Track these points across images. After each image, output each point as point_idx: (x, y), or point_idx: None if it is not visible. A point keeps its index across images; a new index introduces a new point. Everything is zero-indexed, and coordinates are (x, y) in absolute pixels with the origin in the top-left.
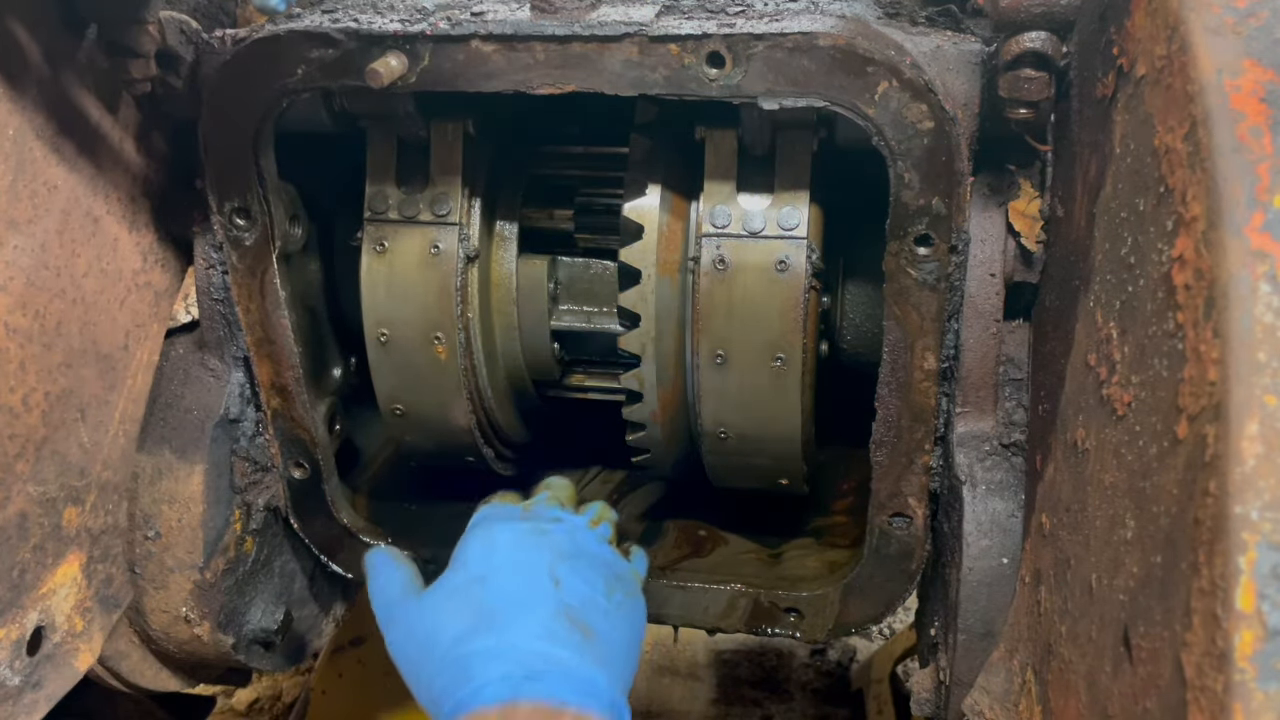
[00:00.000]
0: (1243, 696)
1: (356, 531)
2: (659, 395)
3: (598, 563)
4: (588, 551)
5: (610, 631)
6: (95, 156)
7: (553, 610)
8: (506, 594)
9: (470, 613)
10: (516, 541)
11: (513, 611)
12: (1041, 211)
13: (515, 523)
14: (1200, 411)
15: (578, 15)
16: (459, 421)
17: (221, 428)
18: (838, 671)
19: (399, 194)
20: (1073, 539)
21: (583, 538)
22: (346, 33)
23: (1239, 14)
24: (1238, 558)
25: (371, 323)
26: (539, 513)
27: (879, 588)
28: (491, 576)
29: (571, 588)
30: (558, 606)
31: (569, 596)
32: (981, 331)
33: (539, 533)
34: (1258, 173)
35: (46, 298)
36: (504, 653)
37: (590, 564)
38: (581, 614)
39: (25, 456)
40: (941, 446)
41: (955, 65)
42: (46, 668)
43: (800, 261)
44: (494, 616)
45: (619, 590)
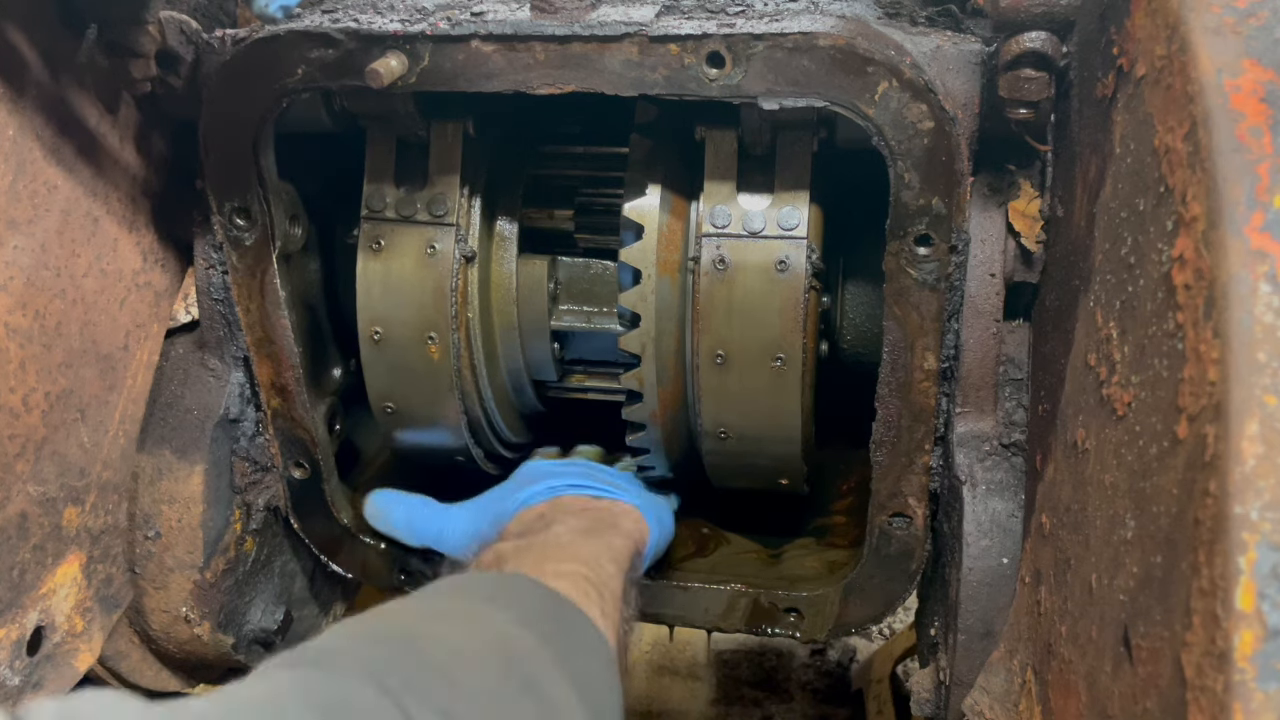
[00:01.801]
0: (1243, 696)
1: (356, 531)
2: (659, 395)
3: (624, 475)
4: (614, 472)
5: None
6: (95, 156)
7: (584, 473)
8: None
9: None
10: (552, 464)
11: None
12: (1041, 211)
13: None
14: (1200, 411)
15: (578, 15)
16: (449, 421)
17: (221, 428)
18: (838, 671)
19: (397, 193)
20: (1073, 539)
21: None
22: (346, 33)
23: (1239, 14)
24: (1238, 558)
25: (365, 321)
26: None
27: (879, 588)
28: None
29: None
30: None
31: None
32: (981, 331)
33: (568, 461)
34: (1258, 173)
35: (46, 298)
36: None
37: (621, 475)
38: (612, 479)
39: (25, 456)
40: (941, 446)
41: (955, 65)
42: (46, 668)
43: (800, 261)
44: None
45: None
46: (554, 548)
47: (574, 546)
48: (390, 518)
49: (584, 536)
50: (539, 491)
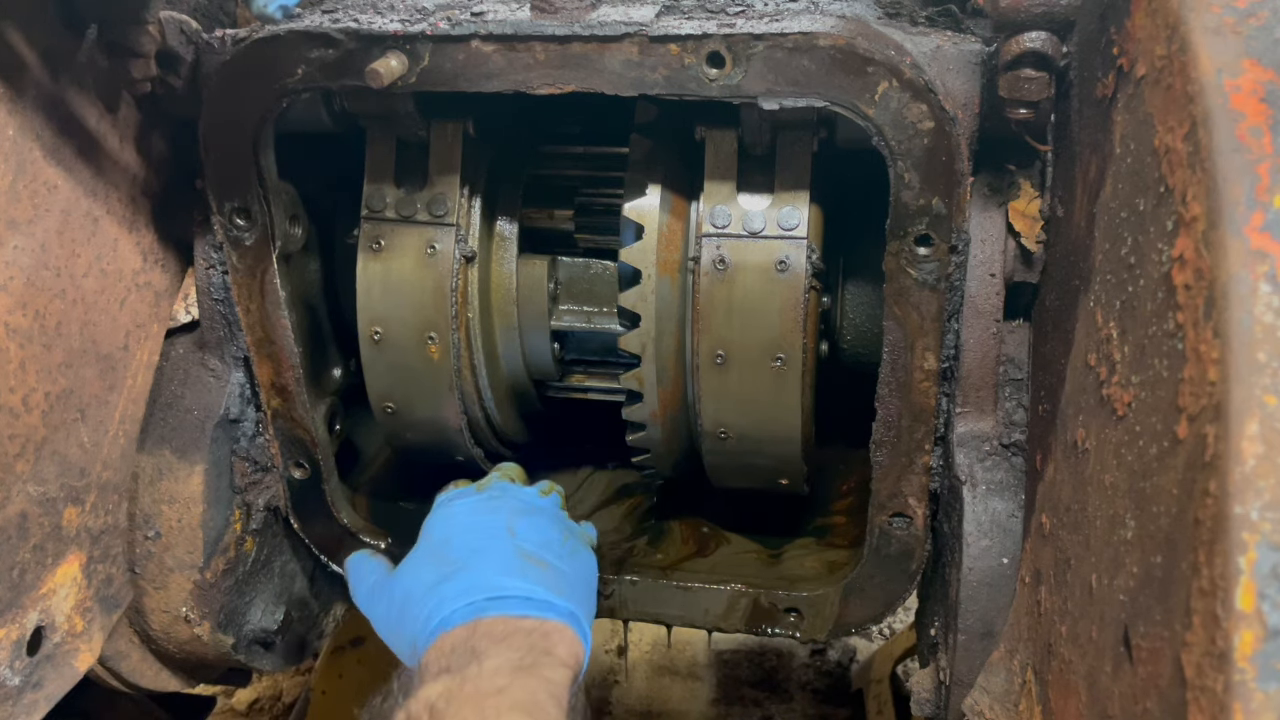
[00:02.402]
0: (1243, 696)
1: (356, 531)
2: (659, 395)
3: (549, 518)
4: (540, 509)
5: (566, 568)
6: (95, 156)
7: (510, 552)
8: (467, 547)
9: (437, 568)
10: (473, 508)
11: (474, 558)
12: (1041, 211)
13: (469, 496)
14: (1200, 411)
15: (578, 15)
16: (449, 421)
17: (221, 428)
18: (838, 671)
19: (397, 193)
20: (1073, 539)
21: (534, 499)
22: (346, 33)
23: (1239, 14)
24: (1238, 558)
25: (365, 321)
26: (491, 486)
27: (879, 588)
28: (453, 538)
29: (526, 535)
30: (515, 549)
31: (525, 542)
32: (981, 331)
33: (493, 499)
34: (1258, 173)
35: (46, 298)
36: (469, 585)
37: (543, 518)
38: (537, 554)
39: (25, 456)
40: (941, 446)
41: (955, 65)
42: (46, 668)
43: (800, 261)
44: (459, 564)
45: (571, 539)
46: (490, 695)
47: (512, 691)
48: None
49: (520, 675)
50: (453, 610)
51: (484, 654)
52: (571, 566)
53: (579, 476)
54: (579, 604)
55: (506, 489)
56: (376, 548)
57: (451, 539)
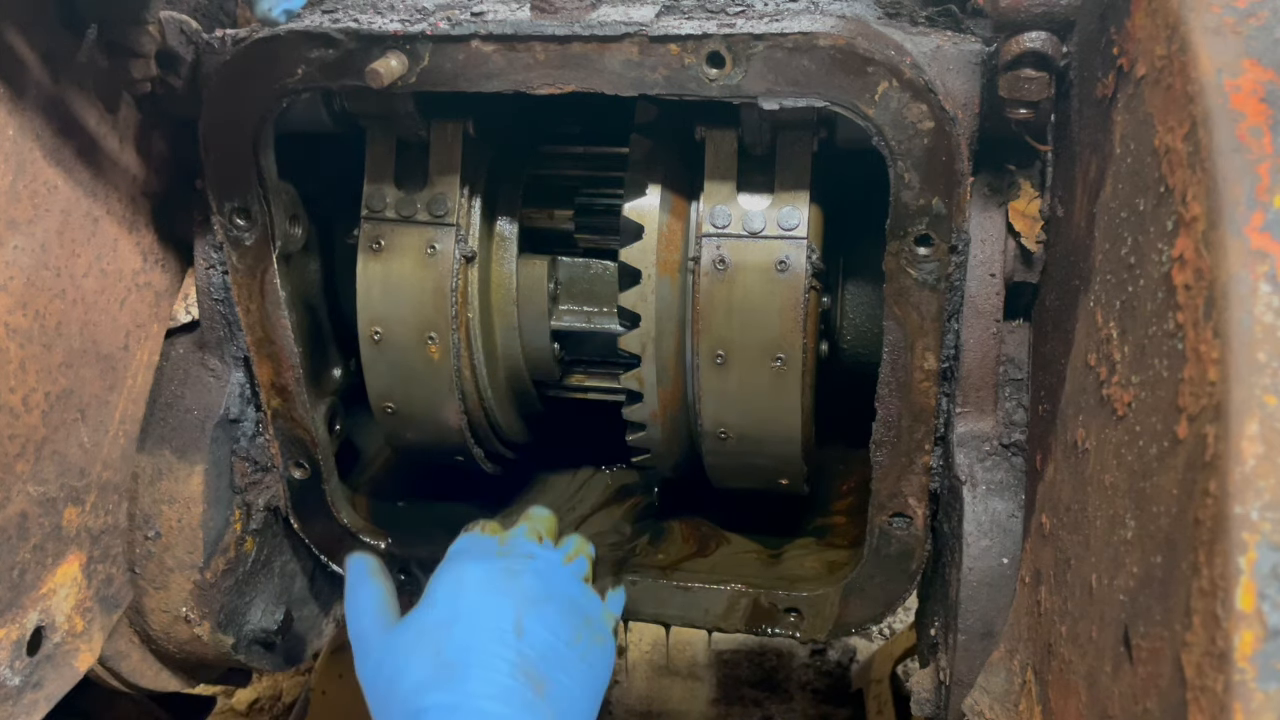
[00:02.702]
0: (1243, 696)
1: (356, 531)
2: (659, 395)
3: (566, 606)
4: (558, 594)
5: (569, 684)
6: (95, 157)
7: (511, 664)
8: (467, 643)
9: (431, 661)
10: (486, 583)
11: (471, 664)
12: (1041, 211)
13: (488, 561)
14: (1200, 411)
15: (578, 15)
16: (449, 421)
17: (221, 428)
18: (838, 671)
19: (397, 193)
20: (1073, 539)
21: (555, 577)
22: (346, 33)
23: (1239, 14)
24: (1238, 558)
25: (365, 321)
26: (514, 548)
27: (879, 588)
28: (456, 622)
29: (535, 637)
30: (516, 659)
31: (530, 648)
32: (981, 331)
33: (510, 574)
34: (1258, 173)
35: (46, 298)
36: (456, 711)
37: (558, 608)
38: (540, 667)
39: (25, 456)
40: (941, 446)
41: (955, 65)
42: (46, 668)
43: (800, 261)
44: (453, 669)
45: (585, 636)
46: None
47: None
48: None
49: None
50: None
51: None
52: (576, 679)
53: (579, 476)
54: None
55: (527, 559)
56: (377, 548)
57: (453, 625)
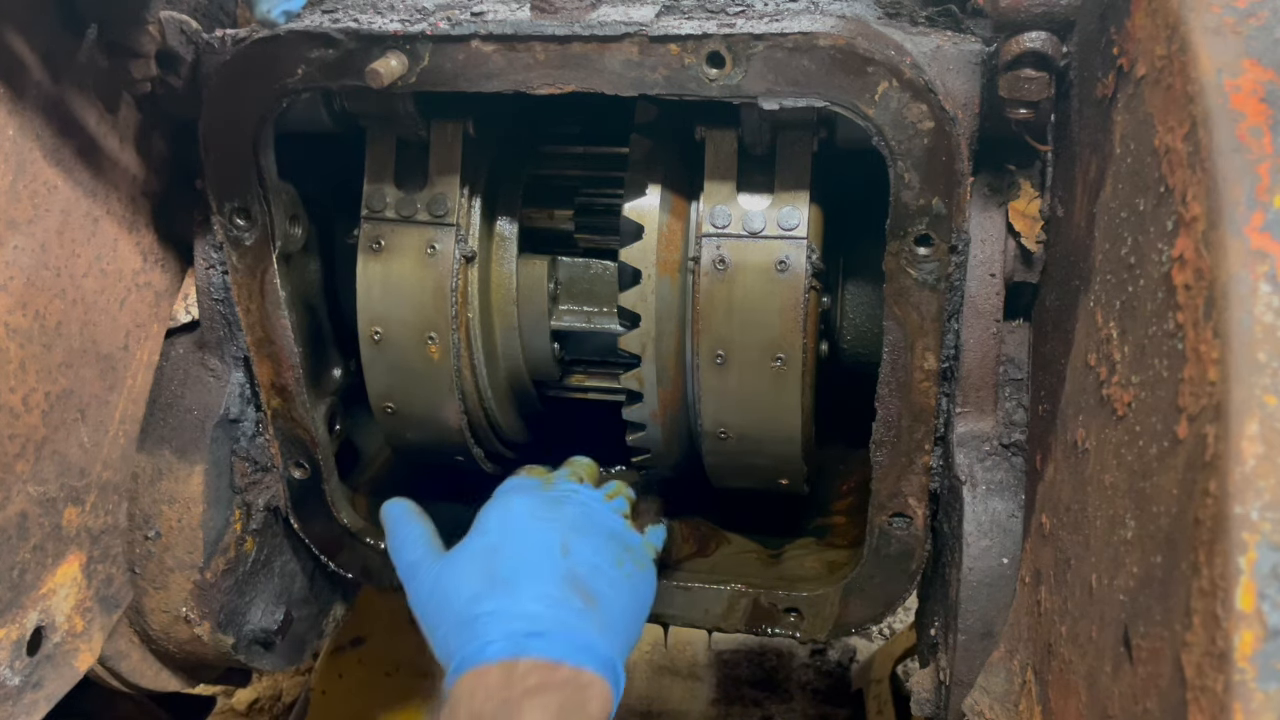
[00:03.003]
0: (1243, 696)
1: (356, 531)
2: (659, 395)
3: (609, 534)
4: (600, 523)
5: (615, 599)
6: (95, 157)
7: (559, 576)
8: (517, 560)
9: (483, 577)
10: (532, 510)
11: (521, 577)
12: (1041, 211)
13: (533, 493)
14: (1200, 411)
15: (578, 15)
16: (449, 421)
17: (221, 428)
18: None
19: (397, 193)
20: (1073, 539)
21: (597, 510)
22: (346, 33)
23: (1239, 14)
24: (1238, 558)
25: (365, 321)
26: (558, 485)
27: (879, 588)
28: (505, 544)
29: (580, 556)
30: (565, 573)
31: (577, 564)
32: (981, 331)
33: (554, 503)
34: (1258, 173)
35: (46, 298)
36: (510, 614)
37: (601, 535)
38: (587, 581)
39: (25, 456)
40: (941, 446)
41: (955, 65)
42: (46, 668)
43: (800, 261)
44: (504, 581)
45: (628, 561)
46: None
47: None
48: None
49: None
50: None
51: (518, 711)
52: (622, 595)
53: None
54: (621, 642)
55: (572, 492)
56: (376, 548)
57: (502, 546)
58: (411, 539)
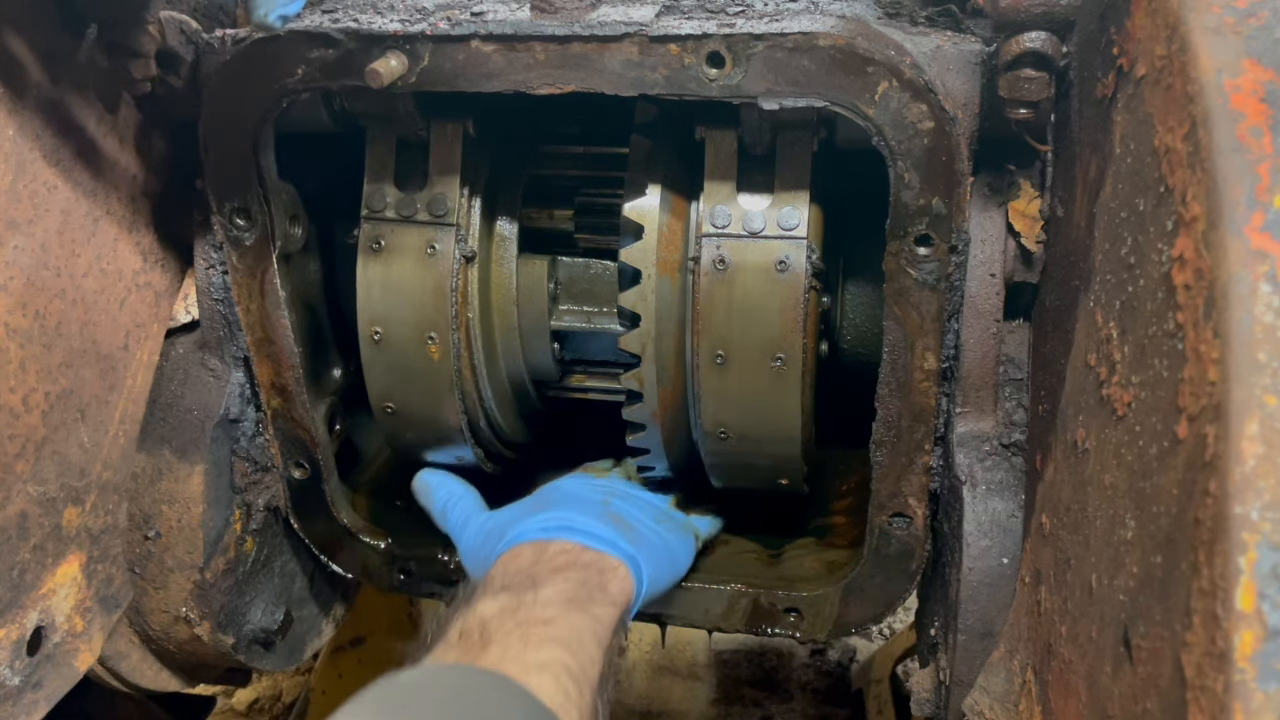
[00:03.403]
0: (1243, 696)
1: (356, 531)
2: (659, 395)
3: (650, 506)
4: (643, 497)
5: (650, 534)
6: (95, 157)
7: (600, 508)
8: (564, 495)
9: (530, 506)
10: (579, 481)
11: (565, 503)
12: (1041, 211)
13: (581, 475)
14: (1200, 411)
15: (578, 15)
16: (449, 421)
17: (221, 428)
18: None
19: (397, 193)
20: (1073, 539)
21: (642, 490)
22: (346, 33)
23: (1239, 14)
24: (1238, 558)
25: (365, 321)
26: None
27: (879, 588)
28: (553, 491)
29: (621, 509)
30: (605, 509)
31: (618, 510)
32: (981, 331)
33: (602, 482)
34: (1258, 173)
35: (46, 298)
36: (548, 518)
37: (643, 504)
38: (626, 517)
39: (25, 456)
40: (941, 446)
41: (955, 65)
42: (46, 668)
43: (800, 261)
44: (548, 505)
45: (668, 525)
46: (538, 624)
47: (558, 624)
48: (432, 496)
49: (569, 608)
50: (529, 529)
51: (541, 582)
52: (657, 534)
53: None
54: (645, 555)
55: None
56: (376, 548)
57: (552, 491)
58: (458, 495)
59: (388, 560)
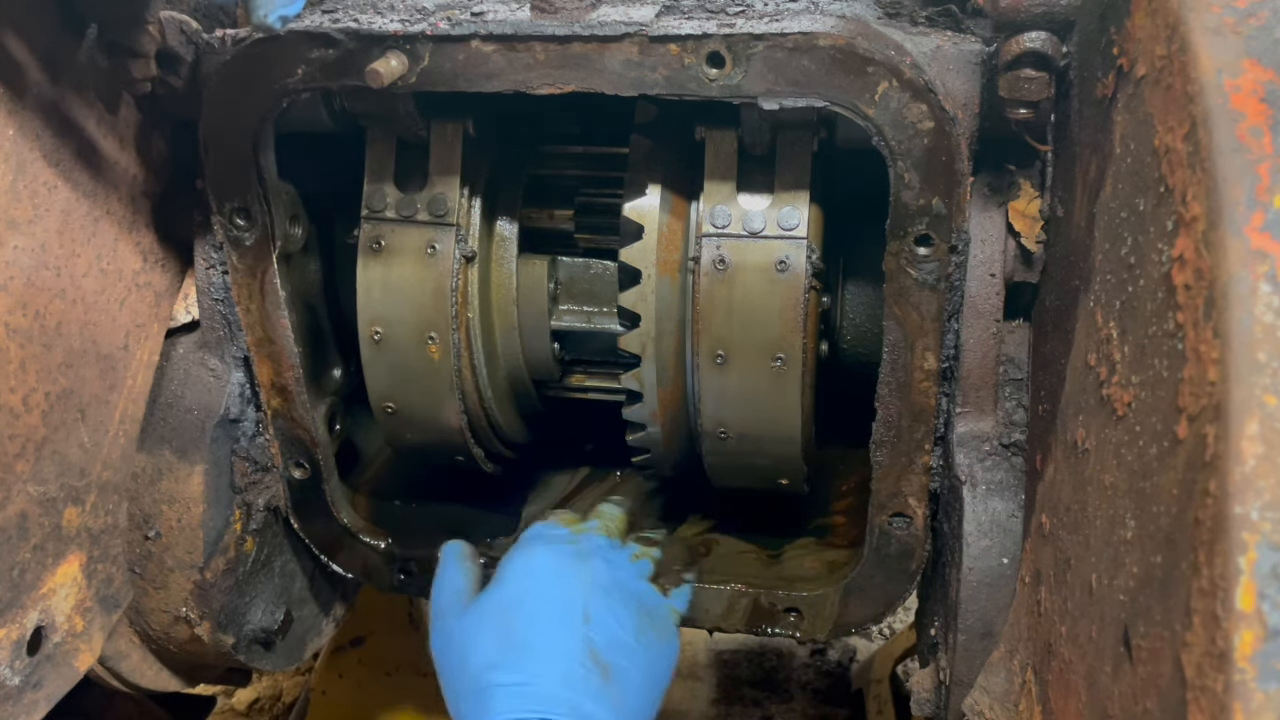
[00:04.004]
0: (1243, 696)
1: (356, 531)
2: (659, 395)
3: (632, 599)
4: (625, 586)
5: (633, 672)
6: (95, 157)
7: (578, 650)
8: (535, 624)
9: (499, 639)
10: (556, 567)
11: (538, 646)
12: (1041, 211)
13: (558, 545)
14: (1200, 411)
15: (578, 15)
16: (450, 421)
17: (221, 428)
18: (838, 671)
19: (397, 193)
20: (1073, 539)
21: (623, 572)
22: (346, 33)
23: (1239, 14)
24: (1238, 558)
25: (365, 321)
26: (584, 539)
27: (879, 588)
28: (525, 601)
29: (601, 624)
30: (584, 645)
31: (596, 634)
32: (981, 331)
33: (579, 557)
34: (1258, 173)
35: (47, 298)
36: (523, 693)
37: (625, 600)
38: (606, 653)
39: (25, 456)
40: (941, 446)
41: (955, 65)
42: (46, 668)
43: (800, 261)
44: (520, 647)
45: (650, 630)
46: None
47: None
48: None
49: None
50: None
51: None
52: (639, 666)
53: (579, 476)
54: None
55: (598, 549)
56: (377, 548)
57: (523, 602)
58: (446, 583)
59: (388, 560)
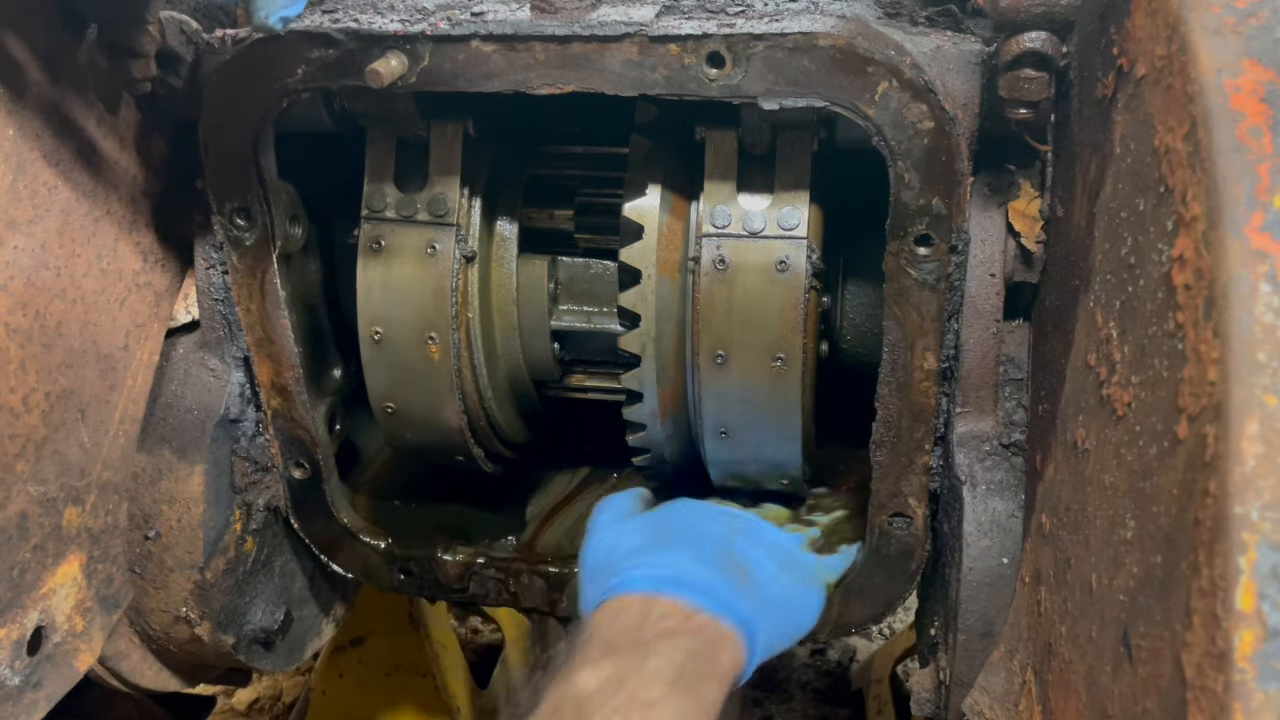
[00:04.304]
0: (1243, 696)
1: (356, 531)
2: (659, 395)
3: (779, 548)
4: (771, 540)
5: (771, 588)
6: (95, 157)
7: (717, 547)
8: (683, 526)
9: (649, 535)
10: (707, 510)
11: (681, 538)
12: (1041, 211)
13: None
14: (1200, 411)
15: (578, 15)
16: (450, 421)
17: (222, 428)
18: (838, 671)
19: (397, 193)
20: (1073, 539)
21: (770, 528)
22: (346, 33)
23: (1239, 14)
24: (1238, 558)
25: (365, 321)
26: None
27: (879, 588)
28: (675, 517)
29: (744, 552)
30: (725, 549)
31: (738, 550)
32: (981, 331)
33: (729, 513)
34: (1258, 173)
35: (47, 298)
36: (662, 564)
37: (771, 546)
38: (744, 563)
39: (25, 456)
40: (941, 446)
41: (955, 65)
42: (46, 668)
43: (800, 261)
44: (663, 539)
45: (795, 573)
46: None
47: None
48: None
49: (674, 689)
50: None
51: (649, 650)
52: (776, 588)
53: (579, 476)
54: (763, 617)
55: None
56: (377, 547)
57: (673, 517)
58: (612, 503)
59: (388, 560)
